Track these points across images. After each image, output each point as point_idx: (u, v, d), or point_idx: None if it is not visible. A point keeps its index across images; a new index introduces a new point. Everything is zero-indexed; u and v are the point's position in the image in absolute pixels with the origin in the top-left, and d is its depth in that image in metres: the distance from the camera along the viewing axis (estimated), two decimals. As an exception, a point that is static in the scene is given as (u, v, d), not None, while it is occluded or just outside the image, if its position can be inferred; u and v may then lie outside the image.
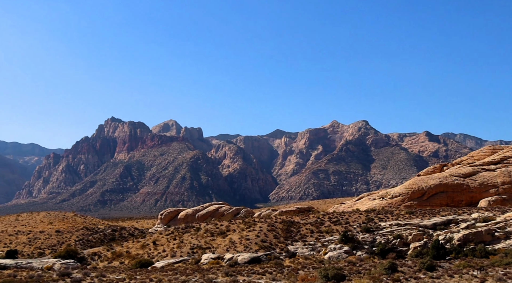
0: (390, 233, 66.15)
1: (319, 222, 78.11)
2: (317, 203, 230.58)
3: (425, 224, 69.63)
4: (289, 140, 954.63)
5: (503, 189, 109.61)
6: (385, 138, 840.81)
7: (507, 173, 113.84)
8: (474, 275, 38.25)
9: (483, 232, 59.44)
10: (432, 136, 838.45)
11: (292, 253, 63.40)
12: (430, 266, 43.31)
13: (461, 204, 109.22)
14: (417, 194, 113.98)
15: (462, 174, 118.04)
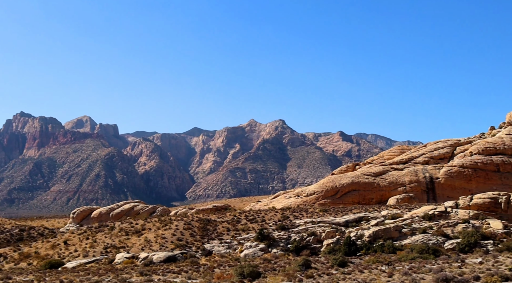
0: (304, 230, 67.70)
1: (235, 220, 78.55)
2: (234, 201, 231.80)
3: (338, 222, 71.86)
4: (207, 139, 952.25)
5: (410, 188, 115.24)
6: (301, 137, 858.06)
7: (414, 172, 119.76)
8: (383, 270, 39.90)
9: (391, 229, 62.20)
10: (345, 136, 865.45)
11: (209, 251, 63.35)
12: (342, 262, 44.72)
13: (372, 201, 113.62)
14: (331, 192, 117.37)
15: (373, 173, 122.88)
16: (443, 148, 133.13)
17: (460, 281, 33.65)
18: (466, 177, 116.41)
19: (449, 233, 60.93)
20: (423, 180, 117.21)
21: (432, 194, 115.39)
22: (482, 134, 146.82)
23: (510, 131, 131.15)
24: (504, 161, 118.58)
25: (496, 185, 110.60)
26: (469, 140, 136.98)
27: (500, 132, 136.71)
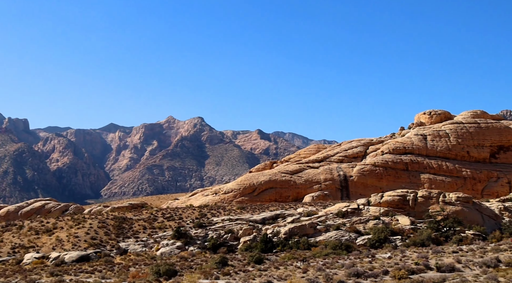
0: (222, 228, 67.85)
1: (152, 218, 77.38)
2: (151, 199, 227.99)
3: (255, 219, 72.62)
4: (123, 135, 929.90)
5: (325, 185, 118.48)
6: (219, 135, 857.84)
7: (329, 171, 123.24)
8: (298, 266, 40.75)
9: (306, 226, 63.67)
10: (263, 135, 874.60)
11: (124, 250, 62.01)
12: (258, 259, 45.25)
13: (289, 199, 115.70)
14: (249, 190, 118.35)
15: (290, 171, 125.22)
16: (356, 147, 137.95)
17: (370, 276, 35.01)
18: (377, 175, 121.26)
19: (361, 229, 63.25)
20: (338, 178, 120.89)
21: (346, 191, 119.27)
22: (392, 135, 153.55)
23: (418, 132, 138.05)
24: (412, 160, 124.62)
25: (405, 183, 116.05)
26: (381, 140, 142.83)
27: (409, 132, 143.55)
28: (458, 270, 37.97)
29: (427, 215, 68.75)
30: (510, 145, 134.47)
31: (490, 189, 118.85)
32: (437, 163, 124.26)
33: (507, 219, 75.07)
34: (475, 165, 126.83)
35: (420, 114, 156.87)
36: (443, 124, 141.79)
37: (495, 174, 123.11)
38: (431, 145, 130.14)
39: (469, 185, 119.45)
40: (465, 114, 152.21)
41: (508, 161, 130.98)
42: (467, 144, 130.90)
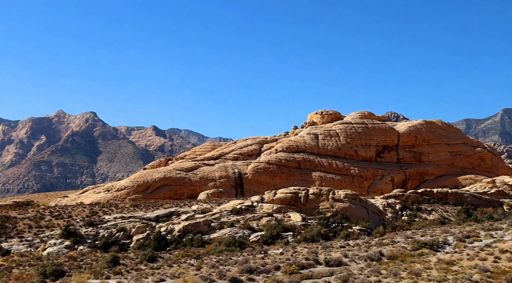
0: (114, 226, 66.05)
1: (39, 217, 73.57)
2: (38, 196, 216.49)
3: (148, 217, 71.44)
4: (8, 129, 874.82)
5: (220, 183, 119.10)
6: (113, 131, 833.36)
7: (224, 168, 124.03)
8: (191, 263, 40.61)
9: (201, 223, 63.64)
10: (159, 131, 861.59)
11: (6, 250, 58.38)
12: (151, 257, 44.55)
13: (183, 196, 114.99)
14: (142, 187, 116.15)
15: (185, 168, 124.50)
16: (251, 145, 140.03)
17: (263, 271, 35.69)
18: (271, 173, 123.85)
19: (255, 226, 64.29)
20: (233, 176, 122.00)
21: (240, 188, 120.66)
22: (286, 133, 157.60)
23: (310, 131, 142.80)
24: (304, 158, 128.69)
25: (297, 181, 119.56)
26: (275, 139, 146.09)
27: (302, 131, 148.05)
28: (345, 264, 39.75)
29: (318, 211, 71.30)
30: (394, 145, 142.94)
31: (375, 186, 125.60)
32: (327, 161, 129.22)
33: (390, 214, 79.82)
34: (362, 163, 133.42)
35: (313, 114, 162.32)
36: (333, 124, 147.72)
37: (380, 172, 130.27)
38: (322, 144, 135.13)
39: (356, 182, 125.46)
40: (354, 115, 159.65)
41: (391, 160, 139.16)
42: (355, 143, 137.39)
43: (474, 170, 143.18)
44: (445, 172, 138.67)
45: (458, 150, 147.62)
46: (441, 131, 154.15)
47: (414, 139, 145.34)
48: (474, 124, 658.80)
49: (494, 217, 74.06)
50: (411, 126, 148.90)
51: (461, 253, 41.50)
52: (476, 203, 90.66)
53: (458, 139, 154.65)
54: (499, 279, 33.69)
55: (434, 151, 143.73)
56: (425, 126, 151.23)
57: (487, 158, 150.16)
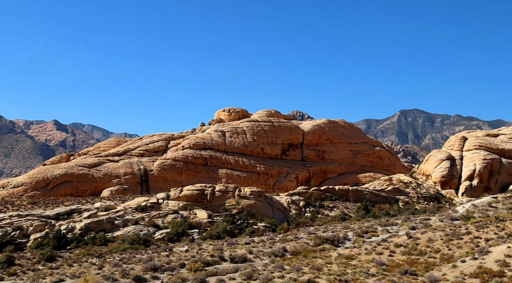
0: (9, 224, 62.63)
1: None
2: None
3: (48, 214, 68.35)
4: None
5: (125, 179, 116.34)
6: (9, 124, 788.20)
7: (129, 164, 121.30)
8: (93, 262, 39.41)
9: (104, 221, 61.87)
10: (60, 126, 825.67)
11: None
12: (50, 257, 42.69)
13: (86, 193, 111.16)
14: (42, 184, 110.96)
15: (88, 164, 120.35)
16: (158, 141, 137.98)
17: (167, 269, 35.33)
18: (178, 170, 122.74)
19: (160, 224, 63.48)
20: (138, 172, 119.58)
21: (146, 185, 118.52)
22: (194, 130, 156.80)
23: (218, 128, 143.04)
24: (211, 155, 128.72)
25: (204, 178, 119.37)
26: (182, 135, 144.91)
27: (209, 129, 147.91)
28: (250, 261, 40.24)
29: (224, 208, 71.64)
30: (299, 143, 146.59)
31: (280, 183, 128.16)
32: (234, 158, 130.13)
33: (294, 211, 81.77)
34: (268, 161, 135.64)
35: (220, 111, 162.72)
36: (240, 122, 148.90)
37: (285, 169, 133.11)
38: (230, 141, 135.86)
39: (262, 179, 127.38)
40: (260, 113, 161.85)
41: (296, 158, 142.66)
42: (262, 141, 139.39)
43: (373, 168, 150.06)
44: (347, 170, 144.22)
45: (359, 149, 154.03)
46: (344, 130, 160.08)
47: (318, 138, 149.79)
48: (374, 125, 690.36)
49: (390, 213, 78.06)
50: (315, 125, 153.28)
51: (359, 248, 43.34)
52: (375, 199, 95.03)
53: (359, 138, 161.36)
54: (393, 272, 35.54)
55: (337, 150, 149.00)
56: (329, 125, 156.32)
57: (385, 156, 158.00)
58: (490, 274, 34.56)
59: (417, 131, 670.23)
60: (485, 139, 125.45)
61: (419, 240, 45.44)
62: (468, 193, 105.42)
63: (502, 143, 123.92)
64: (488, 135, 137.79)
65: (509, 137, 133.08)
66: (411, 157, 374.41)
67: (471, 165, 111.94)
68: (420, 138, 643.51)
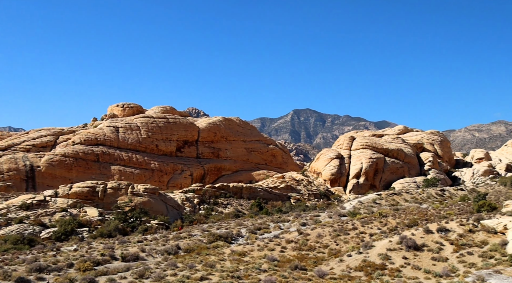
0: None
1: None
2: None
3: None
4: None
5: (9, 176, 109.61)
6: None
7: (14, 160, 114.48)
8: (-29, 265, 36.78)
9: (-16, 220, 57.97)
10: None
11: None
12: None
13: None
14: None
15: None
16: (46, 136, 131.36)
17: (54, 269, 33.79)
18: (67, 166, 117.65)
19: (47, 222, 60.61)
20: (23, 168, 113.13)
21: (32, 182, 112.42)
22: (85, 125, 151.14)
23: (111, 124, 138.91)
24: (103, 152, 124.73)
25: (95, 174, 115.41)
26: (73, 130, 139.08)
27: (101, 124, 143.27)
28: (142, 259, 39.58)
29: (116, 206, 69.82)
30: (194, 140, 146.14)
31: (175, 180, 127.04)
32: (128, 155, 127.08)
33: (188, 208, 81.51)
34: (163, 157, 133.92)
35: (113, 106, 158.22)
36: (135, 117, 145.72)
37: (180, 166, 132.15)
38: (123, 137, 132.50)
39: (156, 176, 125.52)
40: (156, 109, 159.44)
41: (191, 155, 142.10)
42: (156, 137, 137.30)
43: (267, 166, 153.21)
44: (241, 167, 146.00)
45: (253, 147, 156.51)
46: (239, 128, 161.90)
47: (214, 135, 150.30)
48: (268, 123, 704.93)
49: (282, 210, 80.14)
50: (211, 123, 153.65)
51: (252, 245, 44.07)
52: (268, 196, 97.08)
53: (254, 136, 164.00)
54: (284, 267, 36.53)
55: (232, 147, 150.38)
56: (224, 123, 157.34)
57: (278, 154, 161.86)
58: (373, 267, 36.59)
59: (309, 131, 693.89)
60: (371, 139, 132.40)
61: (309, 236, 47.05)
62: (355, 190, 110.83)
63: (386, 143, 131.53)
64: (374, 135, 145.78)
65: (393, 137, 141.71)
66: (303, 155, 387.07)
67: (358, 163, 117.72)
68: (312, 137, 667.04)
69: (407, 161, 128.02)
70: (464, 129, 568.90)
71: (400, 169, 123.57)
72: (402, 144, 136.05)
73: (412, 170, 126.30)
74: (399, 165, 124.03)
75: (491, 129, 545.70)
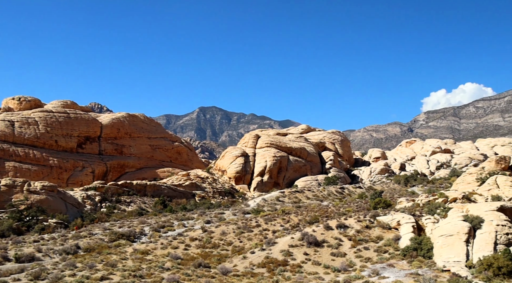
0: None
1: None
2: None
3: None
4: None
5: None
6: None
7: None
8: None
9: None
10: None
11: None
12: None
13: None
14: None
15: None
16: None
17: None
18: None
19: None
20: None
21: None
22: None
23: (5, 118, 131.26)
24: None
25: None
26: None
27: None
28: (39, 259, 37.88)
29: (10, 204, 66.24)
30: (96, 136, 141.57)
31: (75, 178, 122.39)
32: (24, 150, 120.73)
33: (89, 206, 78.91)
34: (62, 154, 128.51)
35: (9, 100, 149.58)
36: (32, 111, 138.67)
37: (81, 163, 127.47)
38: (19, 132, 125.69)
39: (55, 173, 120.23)
40: (55, 104, 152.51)
41: (93, 151, 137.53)
42: (56, 133, 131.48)
43: (172, 163, 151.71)
44: (145, 165, 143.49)
45: (158, 144, 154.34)
46: (143, 125, 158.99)
47: (117, 131, 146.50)
48: (173, 120, 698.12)
49: (187, 208, 79.77)
50: (114, 119, 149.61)
51: (156, 243, 43.53)
52: (172, 194, 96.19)
53: (159, 133, 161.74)
54: (188, 265, 36.40)
55: (136, 144, 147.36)
56: (128, 119, 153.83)
57: (183, 152, 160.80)
58: (275, 263, 37.38)
59: (215, 128, 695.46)
60: (275, 138, 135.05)
61: (214, 233, 47.24)
62: (259, 188, 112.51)
63: (290, 142, 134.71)
64: (278, 134, 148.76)
65: (296, 136, 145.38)
66: (209, 153, 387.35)
67: (262, 161, 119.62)
68: (217, 135, 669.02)
69: (309, 160, 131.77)
70: (363, 130, 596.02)
71: (303, 167, 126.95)
72: (305, 142, 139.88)
73: (314, 168, 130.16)
74: (302, 163, 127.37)
75: (388, 130, 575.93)
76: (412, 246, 40.71)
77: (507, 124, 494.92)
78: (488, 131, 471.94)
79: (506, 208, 44.85)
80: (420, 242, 41.07)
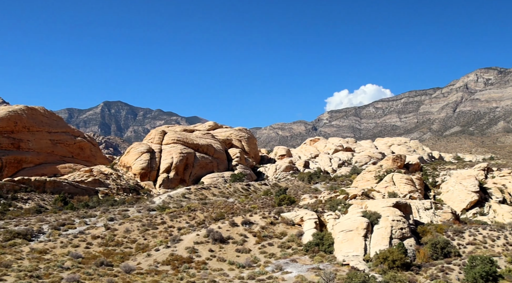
0: None
1: None
2: None
3: None
4: None
5: None
6: None
7: None
8: None
9: None
10: None
11: None
12: None
13: None
14: None
15: None
16: None
17: None
18: None
19: None
20: None
21: None
22: None
23: None
24: None
25: None
26: None
27: None
28: None
29: None
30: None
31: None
32: None
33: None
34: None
35: None
36: None
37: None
38: None
39: None
40: None
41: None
42: None
43: (74, 159, 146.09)
44: (45, 160, 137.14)
45: (59, 138, 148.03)
46: (43, 118, 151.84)
47: (14, 125, 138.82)
48: (76, 114, 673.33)
49: (89, 205, 77.27)
50: (11, 111, 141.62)
51: (55, 241, 41.83)
52: (74, 191, 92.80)
53: (60, 128, 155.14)
54: (89, 264, 35.29)
55: (35, 138, 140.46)
56: (27, 112, 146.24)
57: (86, 147, 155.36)
58: (180, 261, 37.17)
59: (120, 124, 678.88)
60: (182, 134, 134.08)
61: (117, 231, 46.14)
62: (165, 184, 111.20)
63: (197, 138, 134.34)
64: (185, 130, 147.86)
65: (203, 133, 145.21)
66: (113, 149, 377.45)
67: (169, 158, 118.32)
68: (122, 131, 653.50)
69: (216, 156, 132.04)
70: (269, 127, 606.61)
71: (209, 164, 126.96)
72: (212, 139, 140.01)
73: (221, 165, 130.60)
74: (208, 160, 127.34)
75: (293, 128, 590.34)
76: (314, 242, 42.02)
77: (403, 124, 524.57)
78: (386, 131, 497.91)
79: (401, 204, 47.47)
80: (322, 238, 42.49)
